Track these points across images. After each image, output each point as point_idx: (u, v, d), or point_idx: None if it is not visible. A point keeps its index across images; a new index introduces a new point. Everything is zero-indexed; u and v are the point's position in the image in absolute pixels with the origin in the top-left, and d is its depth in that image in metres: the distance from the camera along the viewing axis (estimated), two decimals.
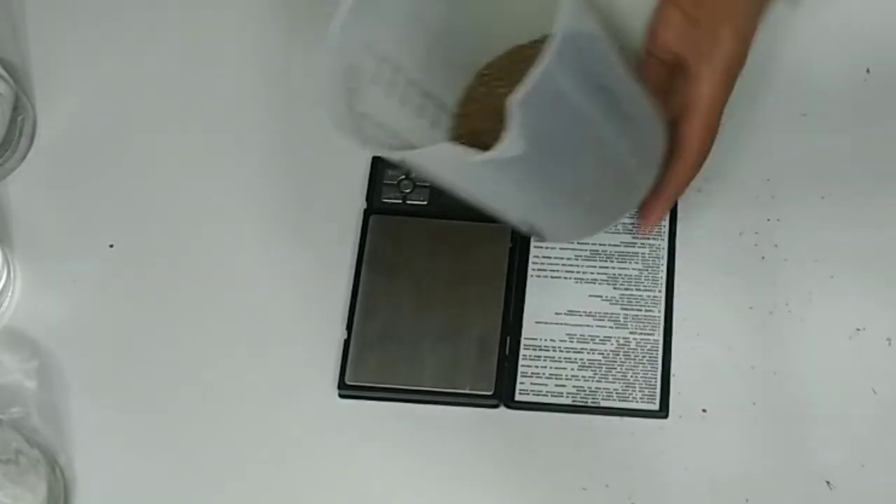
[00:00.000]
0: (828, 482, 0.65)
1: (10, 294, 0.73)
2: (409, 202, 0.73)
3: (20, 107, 0.77)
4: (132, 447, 0.69)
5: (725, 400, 0.67)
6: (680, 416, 0.67)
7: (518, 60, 0.60)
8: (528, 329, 0.70)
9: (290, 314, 0.72)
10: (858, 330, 0.68)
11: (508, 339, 0.70)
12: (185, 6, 0.80)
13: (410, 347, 0.70)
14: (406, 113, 0.57)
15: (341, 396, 0.69)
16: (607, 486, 0.66)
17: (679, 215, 0.71)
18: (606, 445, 0.67)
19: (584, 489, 0.66)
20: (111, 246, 0.75)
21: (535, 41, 0.60)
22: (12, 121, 0.76)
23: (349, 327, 0.70)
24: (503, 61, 0.61)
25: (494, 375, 0.69)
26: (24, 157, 0.77)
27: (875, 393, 0.66)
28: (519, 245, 0.72)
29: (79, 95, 0.79)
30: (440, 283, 0.71)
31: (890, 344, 0.67)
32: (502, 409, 0.68)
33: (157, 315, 0.73)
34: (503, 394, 0.68)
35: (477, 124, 0.60)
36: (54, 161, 0.77)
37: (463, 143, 0.55)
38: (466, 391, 0.69)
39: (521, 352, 0.69)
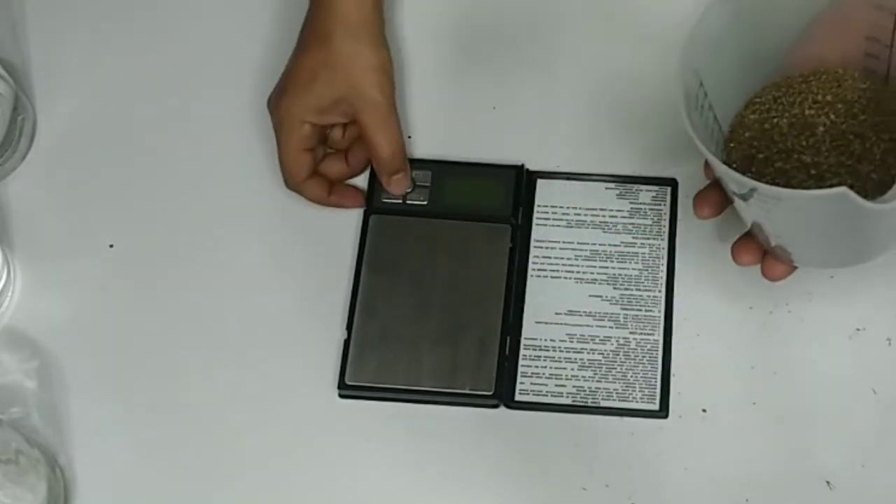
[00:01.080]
0: (828, 482, 0.65)
1: (10, 294, 0.73)
2: (408, 202, 0.73)
3: (20, 107, 0.77)
4: (132, 447, 0.69)
5: (725, 400, 0.67)
6: (680, 416, 0.67)
7: (788, 93, 0.61)
8: (528, 329, 0.70)
9: (290, 314, 0.72)
10: (858, 330, 0.68)
11: (508, 339, 0.70)
12: (185, 6, 0.80)
13: (410, 347, 0.70)
14: (703, 137, 0.58)
15: (341, 396, 0.69)
16: (607, 486, 0.66)
17: (679, 215, 0.71)
18: (606, 445, 0.67)
19: (584, 489, 0.66)
20: (111, 246, 0.75)
21: (805, 75, 0.61)
22: (12, 121, 0.76)
23: (349, 327, 0.70)
24: (772, 91, 0.62)
25: (494, 375, 0.69)
26: (24, 157, 0.77)
27: (875, 393, 0.66)
28: (519, 245, 0.72)
29: (79, 95, 0.79)
30: (440, 283, 0.71)
31: (890, 344, 0.67)
32: (502, 409, 0.68)
33: (157, 315, 0.73)
34: (503, 394, 0.68)
35: (747, 151, 0.61)
36: (54, 161, 0.77)
37: (735, 168, 0.56)
38: (466, 391, 0.69)
39: (521, 352, 0.69)
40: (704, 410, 0.67)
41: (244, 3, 0.80)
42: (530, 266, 0.71)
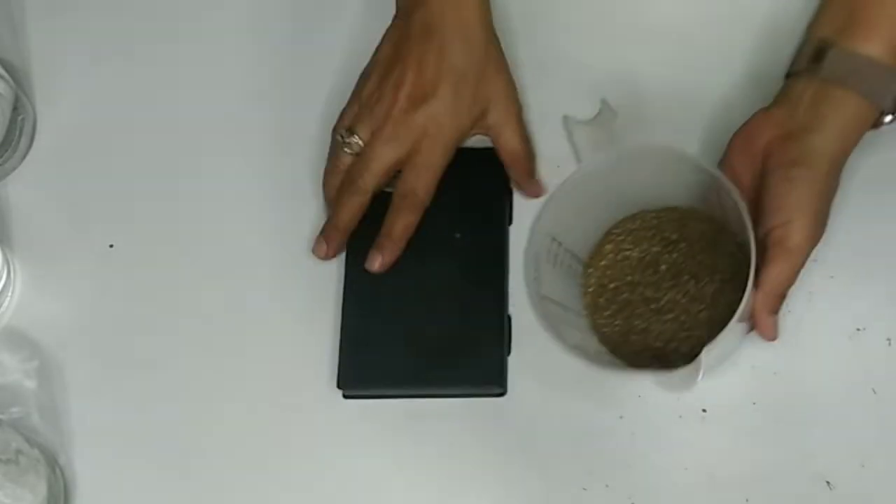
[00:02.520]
0: (828, 482, 0.65)
1: (10, 294, 0.73)
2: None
3: (20, 107, 0.77)
4: (132, 447, 0.69)
5: (725, 400, 0.67)
6: (680, 416, 0.67)
7: (641, 227, 0.67)
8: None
9: (290, 315, 0.72)
10: (858, 330, 0.68)
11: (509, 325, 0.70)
12: (185, 6, 0.80)
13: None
14: (558, 273, 0.65)
15: (345, 397, 0.69)
16: (607, 486, 0.66)
17: None
18: (606, 445, 0.67)
19: (584, 489, 0.66)
20: (111, 246, 0.75)
21: (659, 210, 0.67)
22: (12, 121, 0.76)
23: (344, 328, 0.70)
24: (629, 224, 0.68)
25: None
26: (24, 157, 0.77)
27: (875, 393, 0.66)
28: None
29: (79, 95, 0.79)
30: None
31: (890, 344, 0.67)
32: (502, 408, 0.68)
33: (156, 315, 0.73)
34: (506, 381, 0.68)
35: (601, 279, 0.67)
36: (54, 161, 0.77)
37: (590, 292, 0.66)
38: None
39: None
40: (704, 410, 0.67)
41: (245, 4, 0.80)
42: None
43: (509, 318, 0.69)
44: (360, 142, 0.71)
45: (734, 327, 0.60)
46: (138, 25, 0.81)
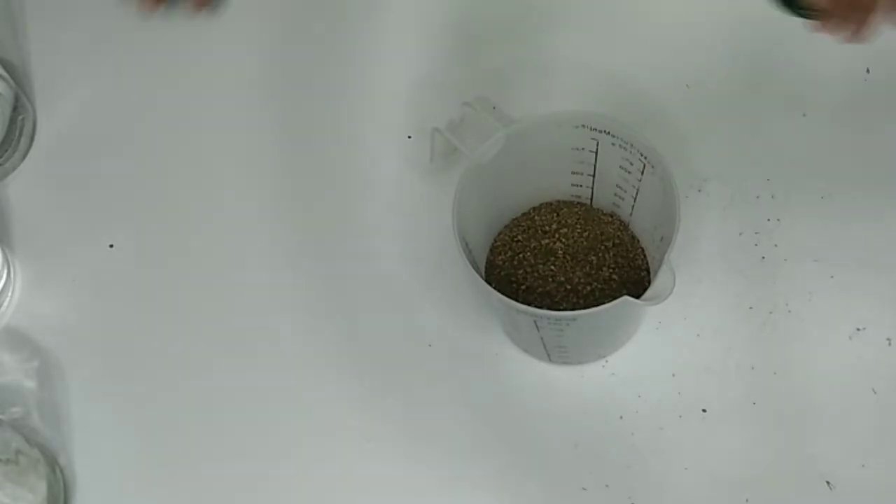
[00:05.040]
0: (828, 482, 0.65)
1: (10, 294, 0.73)
2: None
3: (20, 107, 0.77)
4: (132, 447, 0.69)
5: (725, 400, 0.67)
6: (680, 416, 0.67)
7: (521, 230, 0.69)
8: None
9: (290, 315, 0.72)
10: (858, 330, 0.68)
11: None
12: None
13: None
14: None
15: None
16: (607, 486, 0.66)
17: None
18: (606, 445, 0.67)
19: (584, 489, 0.66)
20: (111, 246, 0.75)
21: (527, 212, 0.70)
22: (12, 121, 0.76)
23: None
24: (507, 233, 0.69)
25: None
26: (24, 157, 0.77)
27: (875, 393, 0.66)
28: None
29: (79, 95, 0.79)
30: None
31: (890, 344, 0.67)
32: (506, 400, 0.68)
33: (157, 315, 0.73)
34: None
35: (507, 287, 0.67)
36: (54, 160, 0.77)
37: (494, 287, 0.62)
38: None
39: None
40: (704, 410, 0.67)
41: (246, 4, 0.80)
42: None
43: None
44: None
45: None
46: (139, 25, 0.81)
